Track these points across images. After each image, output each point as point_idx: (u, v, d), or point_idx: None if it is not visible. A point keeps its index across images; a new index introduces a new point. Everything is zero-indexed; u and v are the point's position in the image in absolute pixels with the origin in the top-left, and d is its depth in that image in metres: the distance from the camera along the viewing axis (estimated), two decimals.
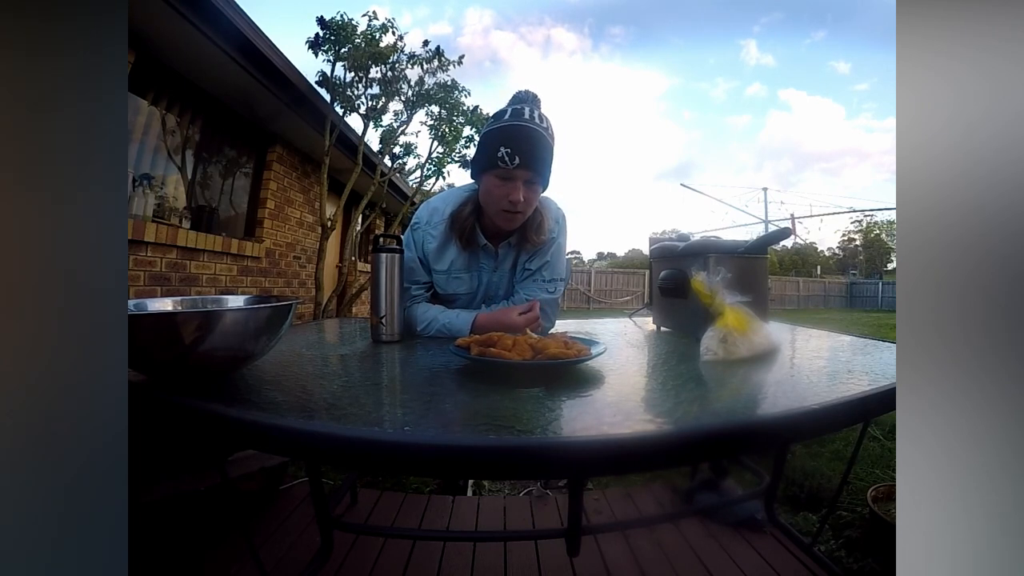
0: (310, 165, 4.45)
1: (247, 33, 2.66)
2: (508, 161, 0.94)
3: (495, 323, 0.98)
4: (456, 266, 1.09)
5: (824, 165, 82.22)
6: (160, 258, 2.64)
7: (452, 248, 1.08)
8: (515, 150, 0.94)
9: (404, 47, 3.92)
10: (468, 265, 1.10)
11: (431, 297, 1.13)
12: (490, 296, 1.14)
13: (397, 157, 4.85)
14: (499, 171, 0.96)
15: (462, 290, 1.11)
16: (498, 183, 0.98)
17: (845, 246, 40.32)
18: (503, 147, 0.94)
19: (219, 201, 3.54)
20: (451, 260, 1.08)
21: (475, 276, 1.11)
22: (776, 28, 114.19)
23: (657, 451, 0.42)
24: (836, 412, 0.51)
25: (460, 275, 1.10)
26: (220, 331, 0.54)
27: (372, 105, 3.97)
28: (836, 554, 1.34)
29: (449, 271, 1.09)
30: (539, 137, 0.96)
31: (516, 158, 0.94)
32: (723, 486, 1.55)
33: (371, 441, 0.40)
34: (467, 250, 1.08)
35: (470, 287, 1.11)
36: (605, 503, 1.61)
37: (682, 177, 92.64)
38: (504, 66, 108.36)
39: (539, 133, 0.97)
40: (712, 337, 0.76)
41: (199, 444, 1.34)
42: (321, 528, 1.07)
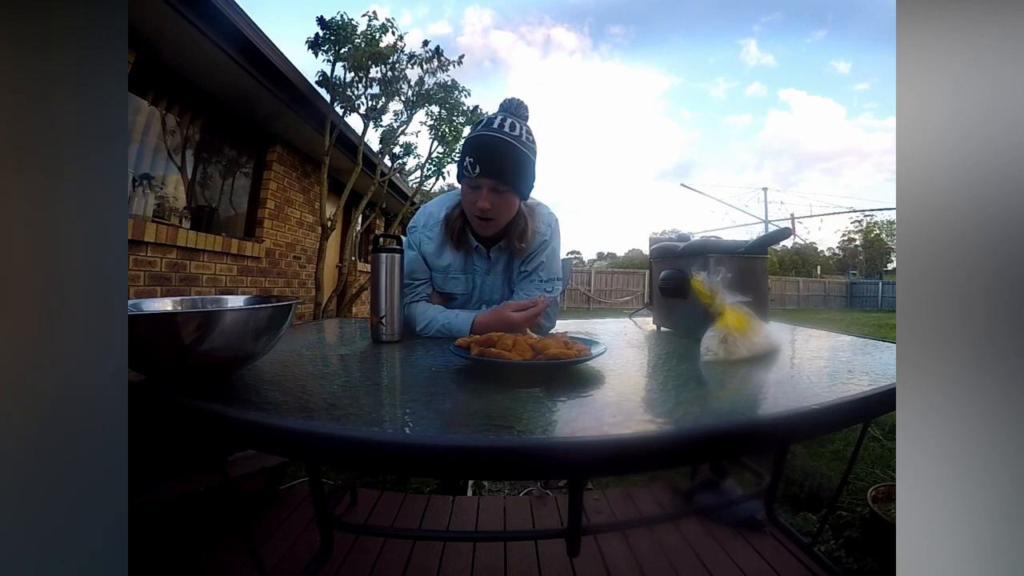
0: (310, 165, 4.45)
1: (247, 33, 2.66)
2: (470, 170, 0.99)
3: (495, 321, 0.98)
4: (453, 267, 1.13)
5: (824, 165, 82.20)
6: (160, 258, 2.64)
7: (448, 250, 1.12)
8: (477, 159, 0.98)
9: (404, 47, 3.92)
10: (464, 267, 1.14)
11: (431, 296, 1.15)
12: (486, 299, 1.18)
13: (397, 157, 4.85)
14: (467, 179, 1.01)
15: (458, 290, 1.15)
16: (468, 191, 1.03)
17: (845, 246, 40.32)
18: (468, 157, 1.00)
19: (219, 201, 3.55)
20: (448, 261, 1.12)
21: (470, 278, 1.15)
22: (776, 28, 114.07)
23: (657, 451, 0.42)
24: (836, 412, 0.51)
25: (456, 276, 1.14)
26: (220, 331, 0.54)
27: (372, 105, 3.97)
28: (836, 554, 1.34)
29: (446, 271, 1.13)
30: (504, 145, 0.99)
31: (477, 167, 0.98)
32: (723, 486, 1.55)
33: (371, 441, 0.40)
34: (461, 251, 1.12)
35: (466, 288, 1.15)
36: (605, 503, 1.61)
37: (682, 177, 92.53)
38: (504, 66, 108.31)
39: (504, 142, 0.99)
40: (712, 337, 0.76)
41: (199, 444, 1.34)
42: (321, 528, 1.07)
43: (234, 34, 2.61)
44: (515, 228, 1.10)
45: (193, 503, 1.27)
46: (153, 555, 1.14)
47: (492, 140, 0.99)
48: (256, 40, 2.75)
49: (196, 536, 1.26)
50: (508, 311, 0.99)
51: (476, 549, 1.31)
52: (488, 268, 1.15)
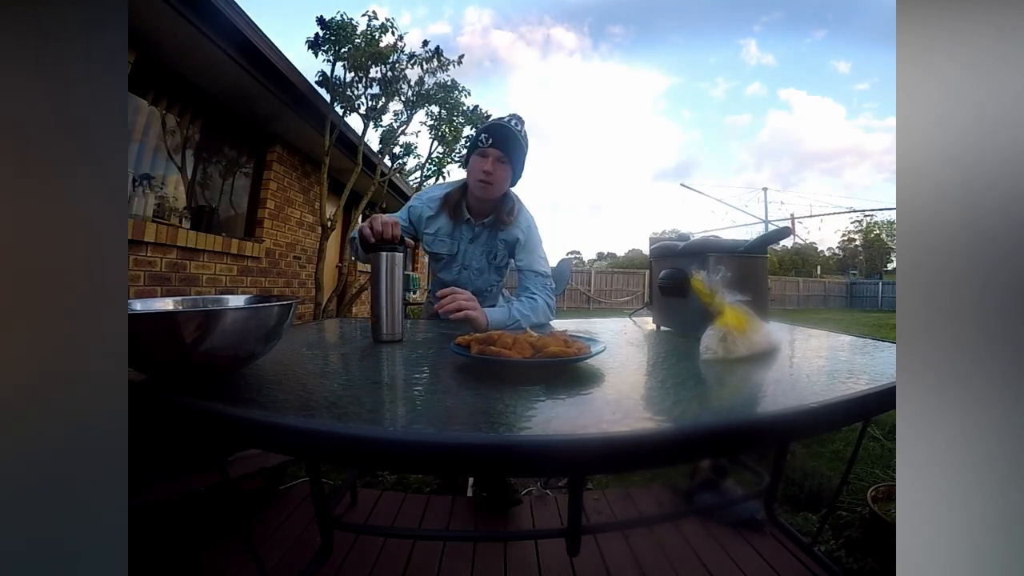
0: (310, 165, 4.45)
1: (247, 33, 2.66)
2: (484, 142, 1.29)
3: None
4: (442, 232, 1.39)
5: (824, 165, 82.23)
6: (160, 258, 2.64)
7: (442, 217, 1.38)
8: (491, 135, 1.29)
9: (404, 47, 3.92)
10: (451, 232, 1.39)
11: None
12: (466, 264, 1.42)
13: (397, 157, 4.85)
14: (479, 151, 1.30)
15: (443, 250, 1.40)
16: (477, 159, 1.29)
17: (845, 246, 40.30)
18: (483, 134, 1.30)
19: (219, 201, 3.54)
20: (439, 227, 1.39)
21: (455, 242, 1.40)
22: (776, 27, 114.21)
23: (657, 449, 0.42)
24: (835, 411, 0.51)
25: (443, 239, 1.39)
26: (220, 331, 0.54)
27: (372, 105, 3.97)
28: (836, 554, 1.34)
29: (436, 234, 1.39)
30: (511, 133, 1.30)
31: (490, 139, 1.28)
32: (723, 486, 1.55)
33: (372, 439, 0.40)
34: (453, 219, 1.38)
35: (451, 249, 1.40)
36: (605, 503, 1.61)
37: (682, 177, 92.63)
38: (503, 65, 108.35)
39: (512, 131, 1.30)
40: (712, 336, 0.76)
41: (199, 444, 1.34)
42: (321, 528, 1.07)
43: (234, 34, 2.61)
44: (504, 204, 1.37)
45: (193, 503, 1.27)
46: (153, 555, 1.14)
47: (504, 127, 1.30)
48: (256, 40, 2.75)
49: (196, 536, 1.26)
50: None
51: (476, 549, 1.31)
52: (472, 238, 1.40)
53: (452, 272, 1.43)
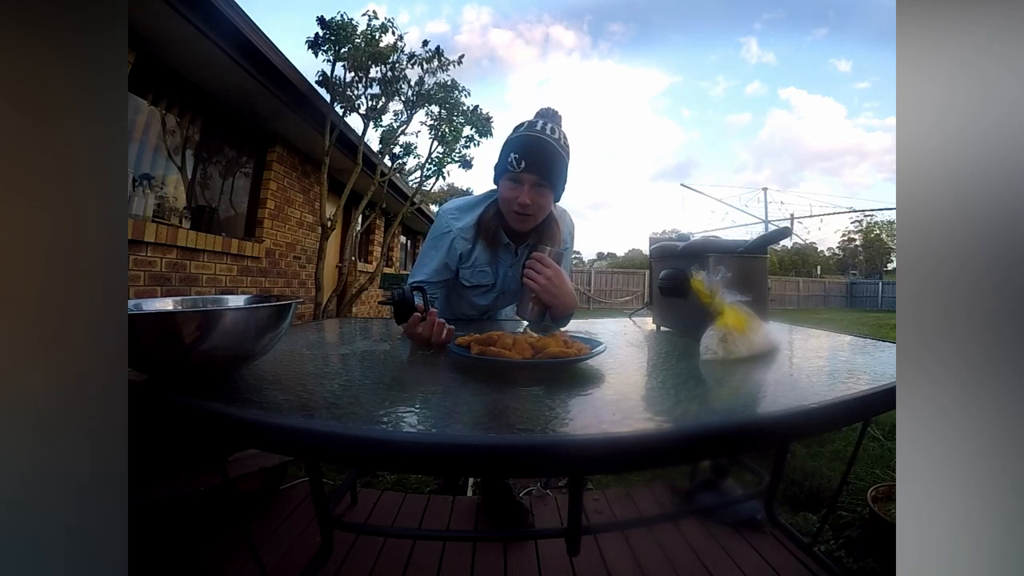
0: (310, 165, 4.45)
1: (247, 33, 2.66)
2: (516, 165, 1.06)
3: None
4: (480, 262, 1.21)
5: (824, 164, 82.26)
6: (160, 258, 2.64)
7: (479, 247, 1.21)
8: (522, 156, 1.05)
9: (404, 47, 3.91)
10: (491, 260, 1.22)
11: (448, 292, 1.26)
12: (505, 289, 1.26)
13: (397, 157, 4.84)
14: (509, 174, 1.08)
15: (485, 281, 1.24)
16: (509, 186, 1.09)
17: (845, 246, 40.30)
18: (513, 153, 1.06)
19: (219, 201, 3.54)
20: (475, 257, 1.21)
21: (495, 270, 1.24)
22: (777, 26, 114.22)
23: (657, 449, 0.42)
24: (835, 411, 0.51)
25: (484, 268, 1.22)
26: (220, 331, 0.54)
27: (372, 105, 3.96)
28: (836, 554, 1.34)
29: (474, 265, 1.21)
30: (547, 146, 1.06)
31: (523, 163, 1.05)
32: (723, 486, 1.55)
33: (372, 439, 0.40)
34: (491, 248, 1.20)
35: (492, 279, 1.24)
36: (605, 503, 1.61)
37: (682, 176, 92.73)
38: (502, 64, 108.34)
39: (548, 143, 1.06)
40: (712, 336, 0.76)
41: (199, 444, 1.34)
42: (321, 528, 1.07)
43: (234, 34, 2.61)
44: (546, 229, 1.18)
45: (193, 503, 1.27)
46: (153, 555, 1.14)
47: (537, 140, 1.06)
48: (256, 40, 2.75)
49: (196, 536, 1.26)
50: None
51: (476, 549, 1.31)
52: (512, 262, 1.23)
53: (488, 298, 1.27)
